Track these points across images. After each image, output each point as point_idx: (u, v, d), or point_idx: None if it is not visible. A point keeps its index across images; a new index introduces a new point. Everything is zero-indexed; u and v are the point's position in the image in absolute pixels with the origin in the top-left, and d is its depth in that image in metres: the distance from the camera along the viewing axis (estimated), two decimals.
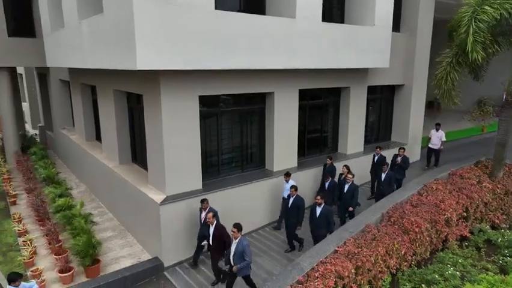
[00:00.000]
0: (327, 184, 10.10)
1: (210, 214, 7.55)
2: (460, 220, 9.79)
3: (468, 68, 10.86)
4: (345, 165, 10.34)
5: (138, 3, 6.69)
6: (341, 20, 11.83)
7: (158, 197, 8.52)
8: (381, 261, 7.56)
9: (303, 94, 11.12)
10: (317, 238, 8.26)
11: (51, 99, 17.74)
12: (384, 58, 11.69)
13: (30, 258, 8.72)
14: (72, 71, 13.93)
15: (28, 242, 9.22)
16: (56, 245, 8.97)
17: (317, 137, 12.45)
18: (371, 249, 7.52)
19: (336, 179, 10.57)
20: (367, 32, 10.91)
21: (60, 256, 8.44)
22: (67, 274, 7.89)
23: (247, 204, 9.75)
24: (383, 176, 10.51)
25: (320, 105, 12.28)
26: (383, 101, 14.64)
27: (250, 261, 6.98)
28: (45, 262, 8.72)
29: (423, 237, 8.51)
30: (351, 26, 10.91)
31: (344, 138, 12.72)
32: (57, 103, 16.95)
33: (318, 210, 8.29)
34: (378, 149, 11.84)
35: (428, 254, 8.78)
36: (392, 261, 7.87)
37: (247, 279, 7.23)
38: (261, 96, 10.28)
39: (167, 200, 8.44)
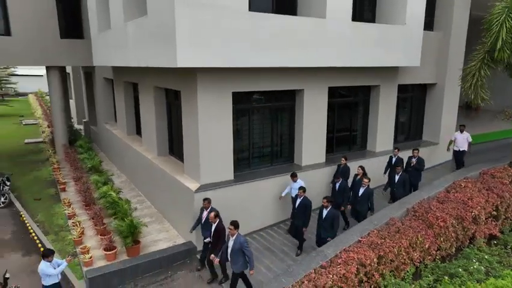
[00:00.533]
0: (337, 185, 9.93)
1: (212, 214, 7.83)
2: (489, 219, 9.76)
3: (502, 65, 10.77)
4: (361, 166, 10.23)
5: (179, 7, 7.35)
6: (372, 19, 12.05)
7: (193, 186, 9.20)
8: (404, 253, 7.79)
9: (333, 92, 11.46)
10: (321, 241, 8.31)
11: (96, 96, 19.05)
12: (414, 57, 11.77)
13: (79, 237, 9.68)
14: (116, 69, 14.99)
15: (77, 223, 10.21)
16: (101, 227, 9.89)
17: (346, 134, 12.73)
18: (394, 241, 7.77)
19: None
20: (397, 31, 11.07)
21: (105, 236, 9.31)
22: (110, 252, 8.72)
23: (275, 196, 10.23)
24: (397, 177, 10.37)
25: (349, 102, 12.56)
26: (414, 99, 14.63)
27: (251, 257, 7.09)
28: (92, 241, 9.63)
29: (449, 232, 8.62)
30: (381, 25, 11.11)
31: (373, 136, 12.90)
32: (101, 100, 18.18)
33: (325, 212, 8.30)
34: (396, 150, 11.53)
35: (453, 249, 8.87)
36: (415, 254, 8.07)
37: (243, 277, 7.36)
38: (291, 93, 10.74)
39: (201, 189, 9.10)
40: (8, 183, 12.99)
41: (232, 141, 9.53)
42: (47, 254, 7.01)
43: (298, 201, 8.94)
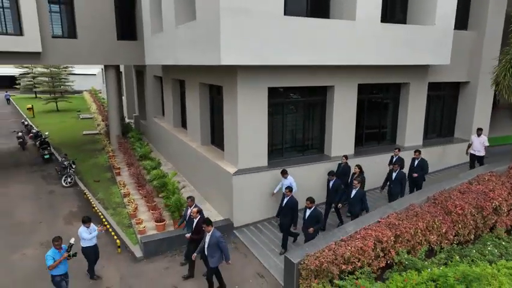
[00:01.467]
0: (331, 183, 10.09)
1: (195, 209, 8.39)
2: None
3: None
4: (358, 165, 10.42)
5: (223, 13, 8.58)
6: (404, 19, 12.67)
7: (231, 169, 10.44)
8: (420, 235, 8.52)
9: (364, 88, 12.24)
10: (306, 237, 8.64)
11: (146, 92, 20.93)
12: (444, 56, 12.25)
13: (133, 211, 11.25)
14: (165, 68, 16.62)
15: (131, 201, 11.80)
16: (152, 204, 11.40)
17: (376, 128, 13.44)
18: (411, 223, 8.52)
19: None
20: (426, 31, 11.64)
21: (155, 211, 10.80)
22: (160, 223, 10.16)
23: (305, 183, 11.20)
24: (394, 175, 10.44)
25: (379, 99, 13.27)
26: (446, 97, 14.98)
27: (227, 251, 7.51)
28: (144, 215, 11.15)
29: (467, 220, 9.20)
30: (409, 26, 11.75)
31: (402, 131, 13.50)
32: (151, 96, 20.00)
33: (308, 212, 8.51)
34: (397, 150, 11.48)
35: (472, 236, 9.41)
36: (432, 237, 8.75)
37: (217, 272, 7.73)
38: (322, 89, 11.68)
39: (238, 172, 10.31)
40: (73, 167, 14.98)
41: (266, 131, 10.65)
42: (86, 221, 8.08)
43: (285, 200, 9.08)
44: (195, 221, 8.35)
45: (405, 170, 11.17)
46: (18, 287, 7.96)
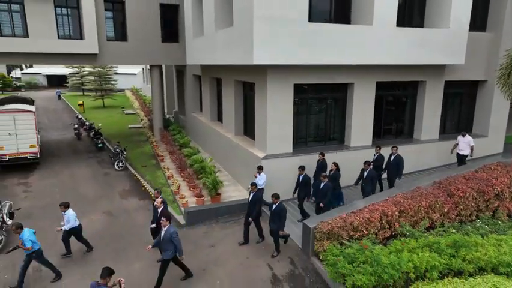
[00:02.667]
0: (301, 177, 10.84)
1: (159, 200, 9.10)
2: None
3: None
4: (334, 163, 11.20)
5: (256, 20, 10.26)
6: (421, 22, 13.82)
7: (261, 154, 12.12)
8: (423, 212, 9.80)
9: (382, 85, 13.51)
10: (271, 232, 9.39)
11: (186, 90, 23.03)
12: (458, 56, 13.28)
13: (177, 189, 13.19)
14: (204, 67, 18.55)
15: (175, 181, 13.77)
16: (192, 183, 13.30)
17: (394, 123, 14.68)
18: (415, 202, 9.82)
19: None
20: (440, 34, 12.76)
21: (195, 189, 12.68)
22: (200, 198, 12.01)
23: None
24: (365, 174, 11.00)
25: (397, 95, 14.49)
26: (464, 95, 15.88)
27: (180, 246, 7.87)
28: (186, 193, 13.05)
29: (468, 202, 10.35)
30: (424, 29, 12.93)
31: (419, 126, 14.63)
32: (190, 93, 22.05)
33: (274, 206, 9.14)
34: (378, 148, 12.13)
35: (474, 217, 10.54)
36: (435, 215, 10.00)
37: (165, 263, 8.01)
38: (343, 85, 13.09)
39: (267, 157, 11.97)
40: (124, 153, 17.23)
41: (292, 122, 12.23)
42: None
43: (251, 195, 9.72)
44: (159, 210, 9.04)
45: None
46: (90, 241, 10.00)
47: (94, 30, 18.20)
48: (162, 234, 7.88)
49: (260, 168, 11.32)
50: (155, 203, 9.36)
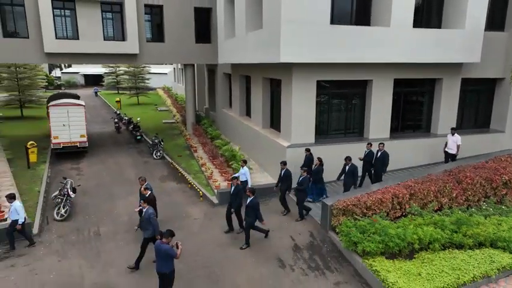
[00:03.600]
0: (282, 172, 11.75)
1: (142, 187, 9.97)
2: None
3: None
4: (318, 158, 12.18)
5: (283, 23, 11.60)
6: (439, 23, 14.71)
7: (286, 143, 13.46)
8: (432, 195, 10.82)
9: (400, 82, 14.51)
10: (245, 224, 10.01)
11: (217, 87, 24.66)
12: (474, 54, 14.08)
13: (210, 175, 14.74)
14: (234, 66, 20.06)
15: (208, 168, 15.33)
16: (223, 170, 14.81)
17: (411, 117, 15.63)
18: (425, 186, 10.87)
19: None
20: (455, 34, 13.64)
21: (226, 174, 14.17)
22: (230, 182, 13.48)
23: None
24: (347, 168, 11.82)
25: (414, 92, 15.45)
26: (482, 91, 16.56)
27: (156, 226, 8.63)
28: (218, 178, 14.57)
29: (476, 188, 11.27)
30: (439, 30, 13.84)
31: (435, 120, 15.51)
32: (220, 90, 23.65)
33: (248, 200, 9.71)
34: (369, 145, 12.83)
35: (481, 203, 11.44)
36: (444, 199, 11.00)
37: (144, 242, 8.87)
38: (362, 82, 14.22)
39: (291, 146, 13.29)
40: (162, 144, 19.01)
41: (314, 115, 13.49)
42: (13, 197, 9.75)
43: (232, 188, 10.52)
44: (146, 196, 9.75)
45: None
46: (134, 215, 11.66)
47: (135, 32, 20.07)
48: (143, 214, 8.88)
49: (244, 162, 12.51)
50: (141, 188, 10.18)
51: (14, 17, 18.50)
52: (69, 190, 11.75)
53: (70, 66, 65.81)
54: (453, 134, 13.87)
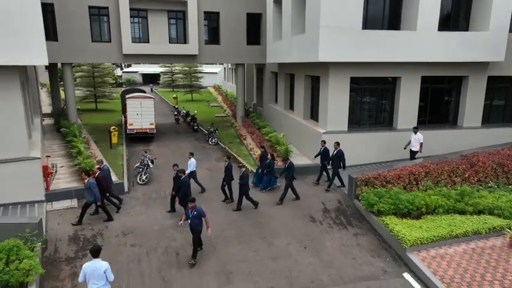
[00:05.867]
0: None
1: (96, 167, 12.25)
2: None
3: None
4: (271, 154, 14.37)
5: (322, 28, 14.01)
6: (466, 25, 16.29)
7: (322, 130, 15.86)
8: (445, 174, 12.69)
9: (428, 79, 16.30)
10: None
11: (264, 84, 27.40)
12: (498, 54, 15.51)
13: (257, 157, 17.48)
14: (280, 65, 22.65)
15: (256, 152, 18.08)
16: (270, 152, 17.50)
17: (438, 111, 17.30)
18: (439, 166, 12.77)
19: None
20: (479, 36, 15.21)
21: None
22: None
23: (374, 145, 15.92)
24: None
25: (441, 88, 17.11)
26: (510, 88, 17.76)
27: (97, 196, 11.00)
28: None
29: (488, 171, 12.94)
30: (461, 32, 15.42)
31: (462, 114, 17.06)
32: (268, 87, 26.35)
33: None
34: (322, 143, 14.31)
35: (489, 182, 13.06)
36: (457, 179, 12.82)
37: (85, 206, 11.17)
38: (392, 79, 16.20)
39: (326, 132, 15.65)
40: (217, 132, 22.10)
41: (347, 107, 15.74)
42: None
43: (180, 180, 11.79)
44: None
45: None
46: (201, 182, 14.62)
47: (196, 35, 23.32)
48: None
49: (191, 154, 14.25)
50: (96, 166, 12.62)
51: (100, 26, 22.49)
52: (148, 161, 15.03)
53: (129, 65, 72.05)
54: (415, 133, 14.67)
